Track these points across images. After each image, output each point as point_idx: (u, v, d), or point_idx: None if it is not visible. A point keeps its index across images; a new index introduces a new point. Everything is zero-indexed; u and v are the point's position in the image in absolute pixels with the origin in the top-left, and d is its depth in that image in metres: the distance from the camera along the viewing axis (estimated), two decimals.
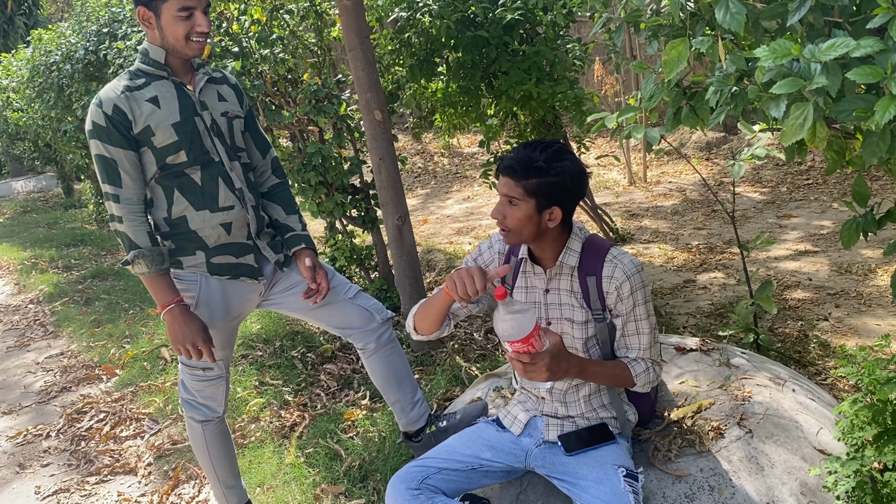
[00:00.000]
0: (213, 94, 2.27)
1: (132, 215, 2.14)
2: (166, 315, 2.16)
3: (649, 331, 1.95)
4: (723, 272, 4.55)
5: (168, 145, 2.14)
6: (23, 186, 13.23)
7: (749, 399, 2.23)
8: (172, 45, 2.14)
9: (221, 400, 2.42)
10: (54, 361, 4.77)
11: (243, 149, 2.36)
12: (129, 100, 2.11)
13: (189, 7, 2.09)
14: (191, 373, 2.34)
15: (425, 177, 9.57)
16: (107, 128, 2.09)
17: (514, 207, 1.84)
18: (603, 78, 7.26)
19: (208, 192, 2.21)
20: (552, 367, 1.77)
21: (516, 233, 1.87)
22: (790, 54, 1.29)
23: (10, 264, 7.65)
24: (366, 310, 2.49)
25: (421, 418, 2.62)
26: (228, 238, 2.26)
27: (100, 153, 2.11)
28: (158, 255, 2.15)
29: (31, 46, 7.51)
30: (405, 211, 3.70)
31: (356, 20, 3.40)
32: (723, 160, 7.61)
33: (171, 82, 2.19)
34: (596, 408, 2.01)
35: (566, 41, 4.28)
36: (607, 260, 1.91)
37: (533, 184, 1.80)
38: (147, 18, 2.12)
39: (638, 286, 1.90)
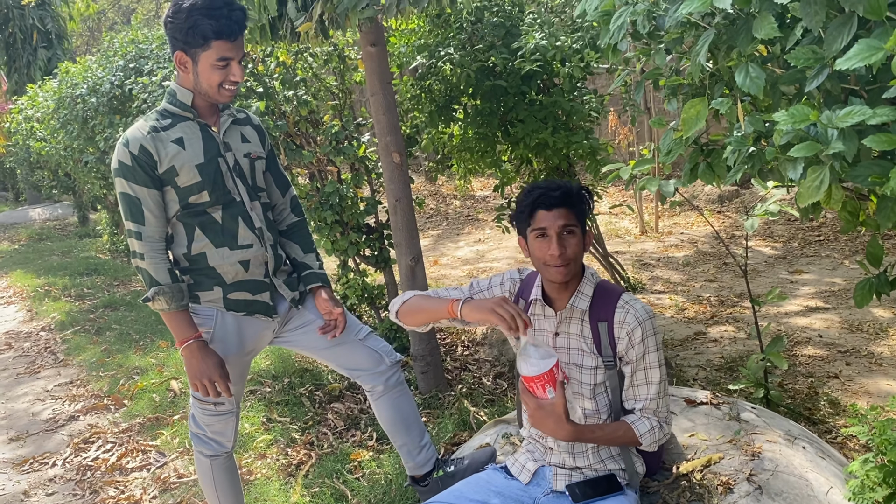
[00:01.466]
0: (237, 135, 2.33)
1: (154, 252, 2.19)
2: (185, 351, 2.20)
3: (658, 380, 1.93)
4: (734, 325, 4.55)
5: (191, 185, 2.20)
6: (39, 214, 13.38)
7: (759, 455, 2.23)
8: (205, 91, 2.20)
9: (231, 435, 2.43)
10: (63, 390, 4.78)
11: (264, 189, 2.41)
12: (155, 140, 2.17)
13: (227, 58, 2.15)
14: (202, 407, 2.35)
15: (438, 218, 9.64)
16: (132, 167, 2.15)
17: (570, 236, 1.87)
18: (617, 128, 7.35)
19: (228, 230, 2.26)
20: (535, 417, 1.85)
21: (575, 262, 1.90)
22: (808, 119, 1.33)
23: (23, 291, 7.71)
24: (375, 352, 2.51)
25: (428, 462, 2.61)
26: (246, 275, 2.30)
27: (125, 191, 2.17)
28: (178, 291, 2.19)
29: (59, 78, 7.69)
30: (418, 252, 3.74)
31: (379, 66, 3.49)
32: (735, 213, 7.65)
33: (196, 123, 2.25)
34: (604, 459, 2.01)
35: (583, 92, 4.37)
36: (619, 305, 1.92)
37: (580, 210, 1.89)
38: (184, 63, 2.18)
39: (649, 333, 1.90)
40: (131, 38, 6.71)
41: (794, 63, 1.38)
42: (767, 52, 1.60)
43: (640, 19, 1.66)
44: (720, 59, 1.65)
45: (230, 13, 2.12)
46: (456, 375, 4.11)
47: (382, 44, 3.49)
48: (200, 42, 2.12)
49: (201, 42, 2.12)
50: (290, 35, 3.21)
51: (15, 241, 11.22)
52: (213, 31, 2.10)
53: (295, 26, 3.14)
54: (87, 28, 18.37)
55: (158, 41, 6.50)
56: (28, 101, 8.72)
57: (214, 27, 2.10)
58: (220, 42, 2.13)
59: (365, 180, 4.49)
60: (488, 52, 4.11)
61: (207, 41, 2.12)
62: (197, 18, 2.09)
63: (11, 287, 8.04)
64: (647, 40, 1.80)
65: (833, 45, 1.33)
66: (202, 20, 2.09)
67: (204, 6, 2.09)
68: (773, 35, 1.40)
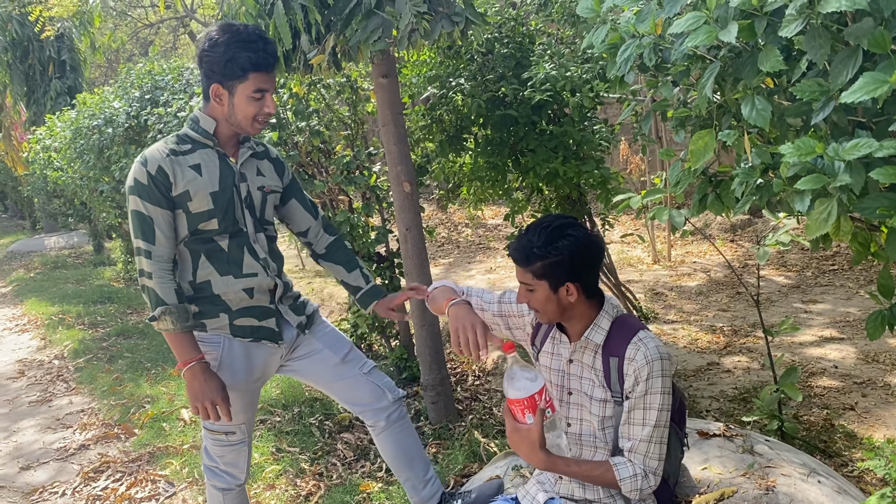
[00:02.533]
0: (254, 168, 2.36)
1: (162, 272, 2.20)
2: (187, 372, 2.20)
3: (654, 424, 1.85)
4: (747, 356, 4.51)
5: (203, 212, 2.22)
6: (55, 242, 13.51)
7: (773, 489, 2.20)
8: (239, 122, 2.24)
9: (243, 466, 2.42)
10: (74, 418, 4.79)
11: (271, 223, 2.43)
12: (174, 163, 2.20)
13: (263, 89, 2.20)
14: (213, 437, 2.35)
15: (449, 246, 9.64)
16: (148, 186, 2.17)
17: (531, 293, 1.91)
18: (628, 158, 7.36)
19: (234, 259, 2.29)
20: (511, 440, 1.87)
21: (543, 314, 1.93)
22: (814, 152, 1.33)
23: (37, 319, 7.76)
24: (378, 387, 2.51)
25: (434, 497, 2.59)
26: (251, 301, 2.31)
27: (138, 209, 2.19)
28: (184, 312, 2.20)
29: (76, 109, 7.82)
30: (429, 280, 3.74)
31: (391, 96, 3.53)
32: (748, 242, 7.61)
33: (215, 152, 2.28)
34: (613, 494, 1.97)
35: (593, 122, 4.39)
36: (633, 342, 1.87)
37: (538, 268, 1.86)
38: (219, 95, 2.22)
39: (657, 373, 1.83)
40: (148, 70, 6.83)
41: (800, 96, 1.38)
42: (774, 85, 1.60)
43: (646, 52, 1.67)
44: (727, 90, 1.65)
45: (265, 46, 2.18)
46: (467, 405, 4.09)
47: (394, 75, 3.53)
48: (238, 74, 2.17)
49: (239, 74, 2.17)
50: (303, 67, 3.26)
51: (31, 268, 11.32)
52: (250, 64, 2.15)
53: (308, 58, 3.19)
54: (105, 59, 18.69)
55: (174, 72, 6.61)
56: (46, 130, 8.86)
57: (252, 59, 2.15)
58: (257, 74, 2.17)
59: (376, 209, 4.51)
60: (499, 82, 4.14)
61: (245, 73, 2.17)
62: (235, 51, 2.14)
63: (26, 315, 8.10)
64: (653, 73, 1.82)
65: (838, 77, 1.33)
66: (240, 53, 2.14)
67: (241, 39, 2.15)
68: (779, 68, 1.41)
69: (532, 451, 1.84)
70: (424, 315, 3.73)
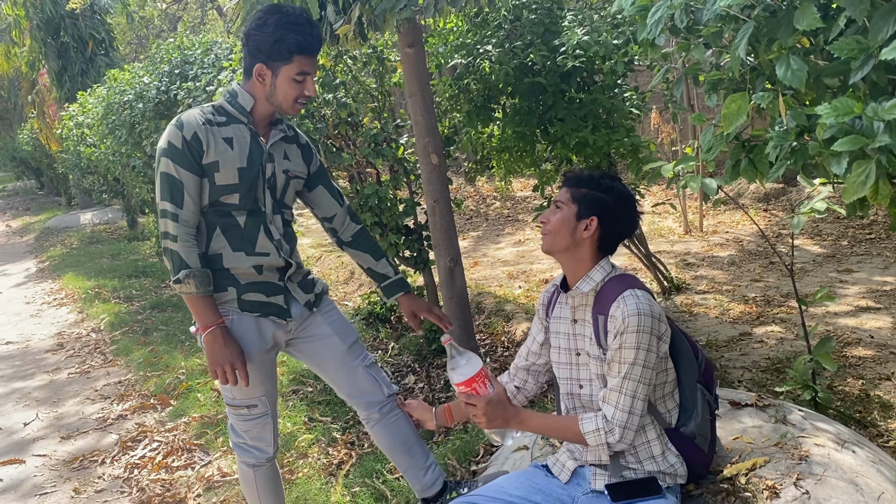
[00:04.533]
0: (281, 151, 2.37)
1: (186, 236, 2.21)
2: (207, 336, 2.21)
3: (623, 376, 1.87)
4: (780, 326, 4.45)
5: (227, 185, 2.23)
6: (90, 218, 13.75)
7: (806, 458, 2.17)
8: (279, 103, 2.25)
9: (270, 440, 2.44)
10: (112, 389, 4.90)
11: (289, 206, 2.43)
12: (208, 132, 2.21)
13: (306, 72, 2.21)
14: (237, 413, 2.38)
15: (477, 219, 9.62)
16: (182, 150, 2.18)
17: (558, 210, 2.00)
18: (660, 126, 7.24)
19: (248, 236, 2.29)
20: (488, 413, 1.92)
21: (553, 234, 1.99)
22: (852, 112, 1.29)
23: (74, 293, 7.93)
24: (376, 380, 2.52)
25: (436, 483, 2.58)
26: (259, 277, 2.32)
27: (168, 172, 2.19)
28: (206, 276, 2.22)
29: (107, 85, 7.89)
30: (457, 253, 3.74)
31: (417, 67, 3.50)
32: (781, 212, 7.48)
33: (248, 129, 2.28)
34: (642, 459, 1.98)
35: (624, 90, 4.31)
36: (617, 300, 1.90)
37: (581, 192, 1.98)
38: (262, 75, 2.22)
39: (632, 328, 1.85)
40: (177, 45, 6.85)
41: (838, 54, 1.34)
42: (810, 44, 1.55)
43: (677, 13, 1.62)
44: (761, 52, 1.61)
45: (311, 30, 2.20)
46: (496, 376, 4.09)
47: (420, 45, 3.50)
48: (284, 56, 2.17)
49: (285, 56, 2.17)
50: (329, 38, 3.24)
51: (67, 244, 11.54)
52: (297, 46, 2.17)
53: (334, 29, 3.17)
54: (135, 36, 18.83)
55: (203, 47, 6.62)
56: (78, 107, 8.97)
57: (299, 42, 2.16)
58: (302, 57, 2.19)
59: (404, 182, 4.51)
60: (527, 49, 4.08)
61: (291, 55, 2.17)
62: (283, 33, 2.15)
63: (63, 289, 8.27)
64: (685, 35, 1.77)
65: (878, 34, 1.28)
66: (288, 35, 2.15)
67: (289, 22, 2.16)
68: (816, 26, 1.36)
69: (506, 411, 1.94)
70: (453, 287, 3.74)
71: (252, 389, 2.33)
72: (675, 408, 2.04)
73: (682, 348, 2.05)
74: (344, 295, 6.47)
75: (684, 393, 2.06)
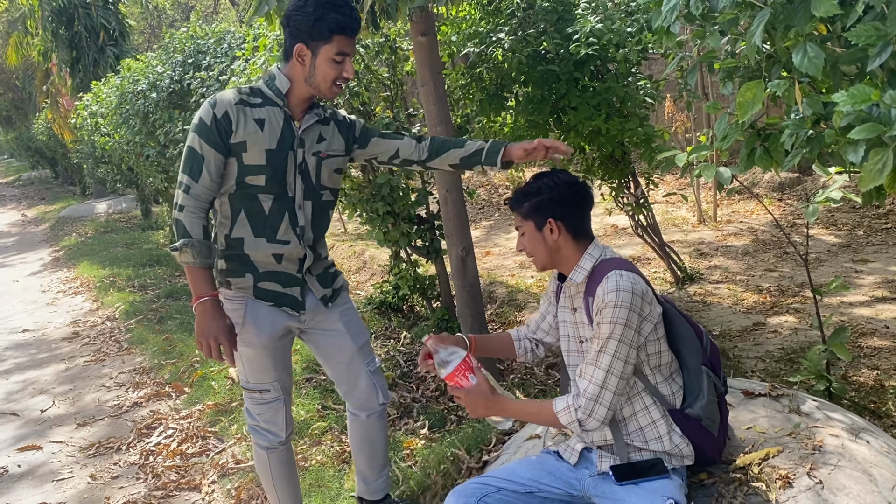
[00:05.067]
0: (315, 134, 2.36)
1: (194, 208, 2.23)
2: (198, 307, 2.22)
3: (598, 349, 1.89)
4: (794, 316, 4.42)
5: (254, 166, 2.25)
6: (105, 207, 13.84)
7: (820, 448, 2.16)
8: (318, 84, 2.25)
9: (282, 424, 2.46)
10: (127, 377, 4.95)
11: (328, 188, 2.42)
12: (240, 111, 2.23)
13: (345, 53, 2.22)
14: (250, 396, 2.43)
15: (489, 209, 9.61)
16: (210, 128, 2.21)
17: (523, 236, 2.05)
18: (674, 115, 7.19)
19: (271, 223, 2.30)
20: (469, 404, 1.99)
21: (535, 257, 2.05)
22: (870, 100, 1.27)
23: (90, 281, 7.99)
24: (375, 387, 2.56)
25: (380, 491, 2.70)
26: (278, 267, 2.34)
27: (193, 146, 2.23)
28: (206, 248, 2.23)
29: (121, 75, 7.92)
30: (469, 242, 3.73)
31: (430, 56, 3.49)
32: (796, 201, 7.42)
33: (282, 112, 2.29)
34: (649, 440, 1.99)
35: (637, 78, 4.29)
36: (602, 279, 1.92)
37: (524, 209, 2.03)
38: (302, 55, 2.22)
39: (611, 303, 1.87)
40: (190, 35, 6.86)
41: (856, 41, 1.32)
42: (827, 31, 1.53)
43: (692, 0, 1.61)
44: (777, 39, 1.59)
45: (351, 11, 2.21)
46: (507, 365, 4.10)
47: (433, 33, 3.49)
48: (325, 35, 2.18)
49: (325, 35, 2.18)
50: None
51: (82, 233, 11.62)
52: (337, 26, 2.17)
53: None
54: (147, 26, 18.87)
55: (216, 36, 6.63)
56: (92, 97, 9.01)
57: (340, 21, 2.17)
58: (342, 37, 2.19)
59: (416, 171, 4.50)
60: (540, 37, 4.06)
61: (331, 35, 2.18)
62: (323, 12, 2.16)
63: (79, 278, 8.34)
64: (700, 22, 1.75)
65: None
66: (329, 13, 2.16)
67: (329, 2, 2.17)
68: (833, 12, 1.35)
69: (486, 401, 1.98)
70: (465, 276, 3.73)
71: (264, 374, 2.37)
72: (680, 390, 2.05)
73: (684, 332, 2.07)
74: (356, 284, 6.49)
75: (689, 376, 2.07)
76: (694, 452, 2.03)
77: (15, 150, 25.77)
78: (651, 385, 2.00)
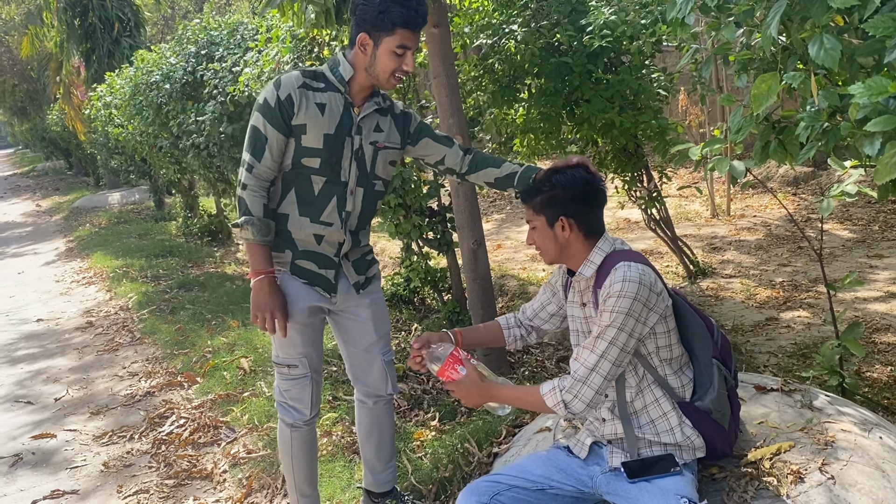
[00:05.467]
0: (373, 123, 2.40)
1: (256, 187, 2.30)
2: (256, 283, 2.31)
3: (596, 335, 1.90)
4: (807, 311, 4.39)
5: (311, 148, 2.30)
6: (118, 198, 13.91)
7: (832, 444, 2.15)
8: (377, 75, 2.28)
9: (308, 402, 2.50)
10: (140, 367, 4.98)
11: (381, 178, 2.46)
12: (303, 95, 2.27)
13: (406, 46, 2.24)
14: (279, 371, 2.47)
15: (501, 202, 9.59)
16: (274, 109, 2.26)
17: (534, 230, 2.05)
18: (688, 108, 7.14)
19: (318, 203, 2.35)
20: (461, 395, 2.05)
21: (544, 251, 2.05)
22: (887, 92, 1.26)
23: (103, 272, 8.05)
24: (387, 377, 2.59)
25: (387, 483, 2.71)
26: (317, 248, 2.39)
27: (257, 126, 2.28)
28: (266, 226, 2.31)
29: (135, 66, 7.94)
30: (481, 235, 3.73)
31: (442, 47, 3.48)
32: (810, 195, 7.37)
33: (343, 98, 2.33)
34: (660, 432, 1.99)
35: (651, 70, 4.26)
36: (611, 271, 1.92)
37: (537, 203, 2.03)
38: (364, 45, 2.25)
39: (616, 293, 1.88)
40: (203, 26, 6.87)
41: (873, 33, 1.31)
42: (844, 23, 1.52)
43: None
44: (793, 31, 1.57)
45: (418, 5, 2.22)
46: (518, 359, 4.10)
47: (445, 25, 3.48)
48: (388, 27, 2.20)
49: (388, 27, 2.20)
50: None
51: (95, 224, 11.69)
52: (401, 19, 2.19)
53: None
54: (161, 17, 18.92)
55: (229, 28, 6.64)
56: (106, 88, 9.04)
57: (404, 15, 2.19)
58: (404, 31, 2.21)
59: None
60: (553, 29, 4.04)
61: (394, 27, 2.20)
62: (389, 4, 2.18)
63: (92, 268, 8.40)
64: (715, 14, 1.74)
65: None
66: (394, 6, 2.18)
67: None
68: (850, 3, 1.33)
69: (478, 388, 2.02)
70: (476, 269, 3.73)
71: (293, 349, 2.42)
72: (689, 383, 2.05)
73: (695, 325, 2.06)
74: None
75: (700, 369, 2.07)
76: (705, 445, 2.03)
77: (29, 140, 25.94)
78: (660, 377, 2.00)
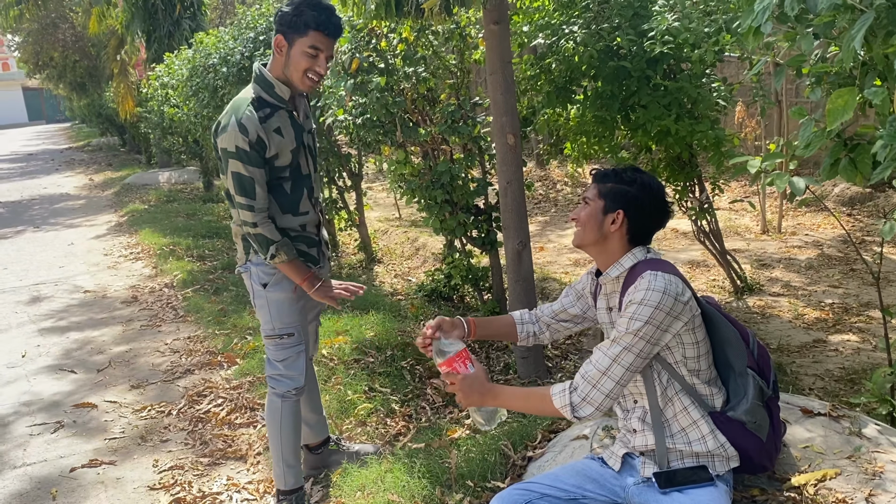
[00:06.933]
0: (303, 113, 2.72)
1: (264, 220, 2.58)
2: (306, 284, 2.66)
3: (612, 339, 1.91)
4: (858, 335, 4.27)
5: (283, 166, 2.62)
6: (168, 177, 14.15)
7: (881, 475, 2.08)
8: (290, 75, 2.54)
9: (302, 369, 2.77)
10: (181, 344, 5.06)
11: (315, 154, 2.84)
12: (266, 130, 2.53)
13: (317, 48, 2.50)
14: (274, 343, 2.74)
15: (546, 204, 9.52)
16: (250, 152, 2.50)
17: (586, 206, 2.05)
18: (744, 120, 6.99)
19: (293, 199, 2.67)
20: (463, 388, 2.00)
21: (584, 231, 2.05)
22: None
23: (150, 248, 8.19)
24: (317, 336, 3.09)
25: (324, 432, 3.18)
26: (303, 233, 2.74)
27: (239, 171, 2.52)
28: (289, 245, 2.63)
29: (193, 48, 8.06)
30: (527, 236, 3.70)
31: (501, 44, 3.45)
32: (866, 217, 7.16)
33: (286, 112, 2.61)
34: (692, 441, 1.96)
35: (711, 80, 4.17)
36: (638, 279, 1.92)
37: (606, 187, 2.03)
38: (280, 46, 2.52)
39: (638, 300, 1.88)
40: (262, 12, 6.94)
41: None
42: None
43: (788, 0, 1.54)
44: (876, 45, 1.52)
45: (330, 15, 2.49)
46: (556, 363, 4.07)
47: (505, 21, 3.46)
48: (301, 28, 2.46)
49: (302, 28, 2.46)
50: (414, 11, 3.22)
51: (145, 201, 11.91)
52: (314, 21, 2.45)
53: (420, 3, 3.15)
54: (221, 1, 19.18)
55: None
56: (164, 68, 9.19)
57: (317, 18, 2.46)
58: (317, 33, 2.47)
59: (477, 161, 4.48)
60: (614, 32, 3.98)
61: (307, 29, 2.46)
62: (304, 9, 2.46)
63: (140, 244, 8.56)
64: (792, 24, 1.68)
65: None
66: (308, 11, 2.46)
67: (313, 3, 2.47)
68: None
69: (482, 386, 2.01)
70: (520, 270, 3.70)
71: (291, 318, 2.72)
72: (719, 392, 2.03)
73: (729, 335, 2.04)
74: (408, 270, 6.51)
75: (735, 379, 2.04)
76: (738, 454, 1.98)
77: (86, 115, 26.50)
78: (688, 385, 1.98)
